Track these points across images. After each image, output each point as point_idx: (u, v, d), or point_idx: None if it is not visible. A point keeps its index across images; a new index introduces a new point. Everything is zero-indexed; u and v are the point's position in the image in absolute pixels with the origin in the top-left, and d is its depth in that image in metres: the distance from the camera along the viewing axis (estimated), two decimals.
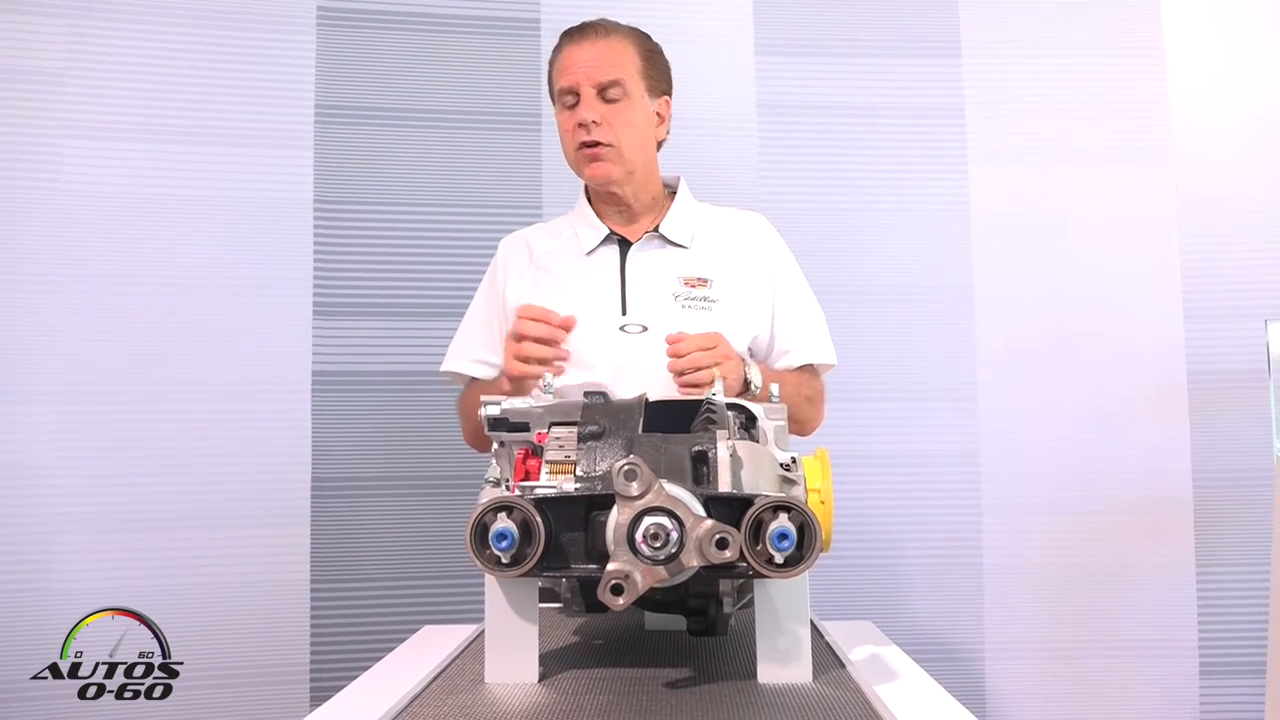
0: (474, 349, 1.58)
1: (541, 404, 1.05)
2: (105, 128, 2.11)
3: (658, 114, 1.56)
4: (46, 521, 2.01)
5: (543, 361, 1.37)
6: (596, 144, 1.49)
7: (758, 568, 0.85)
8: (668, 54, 1.62)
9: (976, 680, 2.26)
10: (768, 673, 0.94)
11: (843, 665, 1.02)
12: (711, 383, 1.20)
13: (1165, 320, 2.30)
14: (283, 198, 2.17)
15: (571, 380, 1.40)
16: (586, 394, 1.05)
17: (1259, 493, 2.16)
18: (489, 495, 0.97)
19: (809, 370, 1.56)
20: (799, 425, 1.52)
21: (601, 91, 1.49)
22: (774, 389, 1.10)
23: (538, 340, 1.39)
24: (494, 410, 1.06)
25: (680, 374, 1.34)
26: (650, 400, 1.05)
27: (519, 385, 1.38)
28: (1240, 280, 2.31)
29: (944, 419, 2.29)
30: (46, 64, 2.09)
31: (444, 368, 1.60)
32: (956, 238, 2.32)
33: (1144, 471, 2.28)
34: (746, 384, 1.41)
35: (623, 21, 1.59)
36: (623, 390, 1.07)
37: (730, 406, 1.05)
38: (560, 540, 0.89)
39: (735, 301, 1.51)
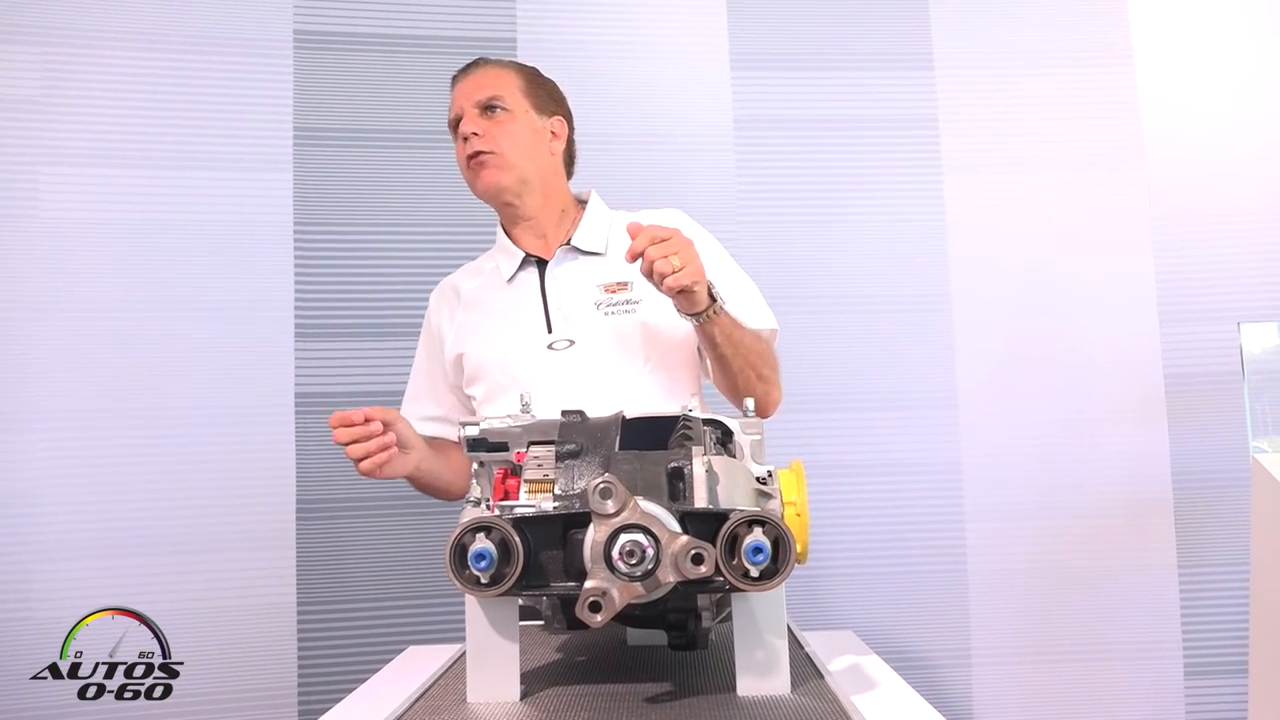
0: (422, 407, 1.61)
1: (520, 423, 1.06)
2: (83, 154, 2.11)
3: (551, 131, 1.59)
4: (34, 547, 2.01)
5: (371, 453, 1.36)
6: (480, 154, 1.53)
7: (734, 582, 0.86)
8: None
9: (964, 687, 2.27)
10: (747, 685, 0.95)
11: (821, 676, 1.03)
12: (673, 272, 1.26)
13: (1141, 325, 2.33)
14: (262, 220, 2.18)
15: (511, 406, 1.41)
16: (564, 413, 1.07)
17: (1238, 493, 2.18)
18: (469, 515, 0.98)
19: (757, 336, 1.52)
20: (764, 386, 1.49)
21: (484, 109, 1.55)
22: (749, 403, 1.11)
23: (354, 443, 1.36)
24: (473, 431, 1.07)
25: (648, 270, 1.30)
26: (626, 417, 1.06)
27: (383, 473, 1.39)
28: (1213, 284, 2.34)
29: (925, 427, 2.30)
30: (23, 92, 2.10)
31: (401, 412, 1.57)
32: (933, 247, 2.35)
33: (1124, 475, 2.31)
34: (712, 298, 1.36)
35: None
36: (560, 407, 1.08)
37: (706, 422, 1.06)
38: (539, 559, 0.90)
39: (659, 298, 1.47)
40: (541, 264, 1.58)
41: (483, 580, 0.87)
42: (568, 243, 1.57)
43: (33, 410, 2.04)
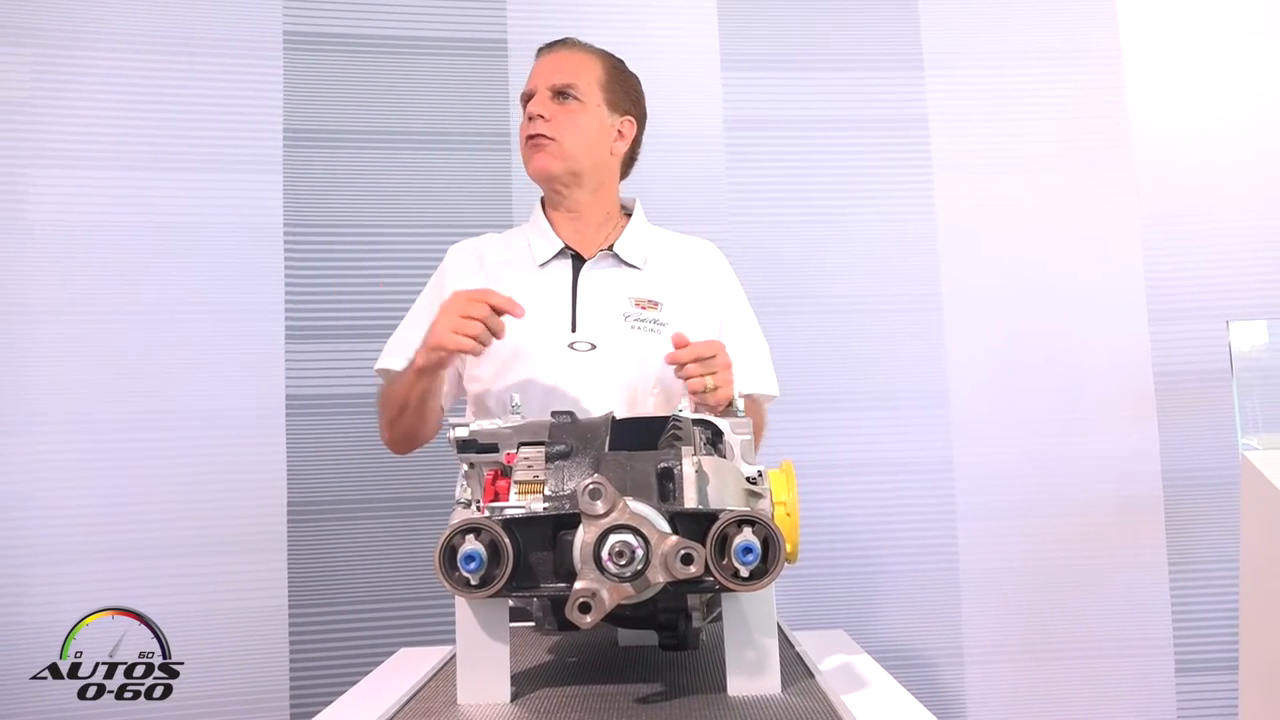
0: (411, 351, 1.54)
1: (510, 424, 1.06)
2: (73, 156, 2.11)
3: (619, 130, 1.59)
4: (27, 550, 2.00)
5: (477, 339, 1.29)
6: (540, 136, 1.52)
7: (724, 582, 0.86)
8: (636, 70, 1.65)
9: (956, 685, 2.27)
10: (737, 685, 0.95)
11: (812, 675, 1.03)
12: (704, 390, 1.26)
13: (1131, 323, 2.34)
14: (253, 222, 2.17)
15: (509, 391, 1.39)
16: (554, 414, 1.07)
17: (1227, 490, 2.19)
18: (460, 517, 0.98)
19: (751, 400, 1.54)
20: None
21: (556, 94, 1.54)
22: (739, 404, 1.12)
23: (478, 324, 1.29)
24: (463, 432, 1.07)
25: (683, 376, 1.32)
26: (617, 418, 1.06)
27: (431, 356, 1.33)
28: (1202, 282, 2.35)
29: (916, 426, 2.31)
30: (12, 93, 2.09)
31: (380, 365, 1.57)
32: (924, 247, 2.35)
33: (1115, 473, 2.32)
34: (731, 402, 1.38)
35: (589, 40, 1.63)
36: (566, 407, 1.08)
37: (696, 422, 1.06)
38: (529, 560, 0.90)
39: (684, 327, 1.49)
40: (577, 260, 1.56)
41: (473, 582, 0.87)
42: (610, 247, 1.57)
43: (24, 413, 2.04)
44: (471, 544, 0.87)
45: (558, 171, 1.54)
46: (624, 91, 1.60)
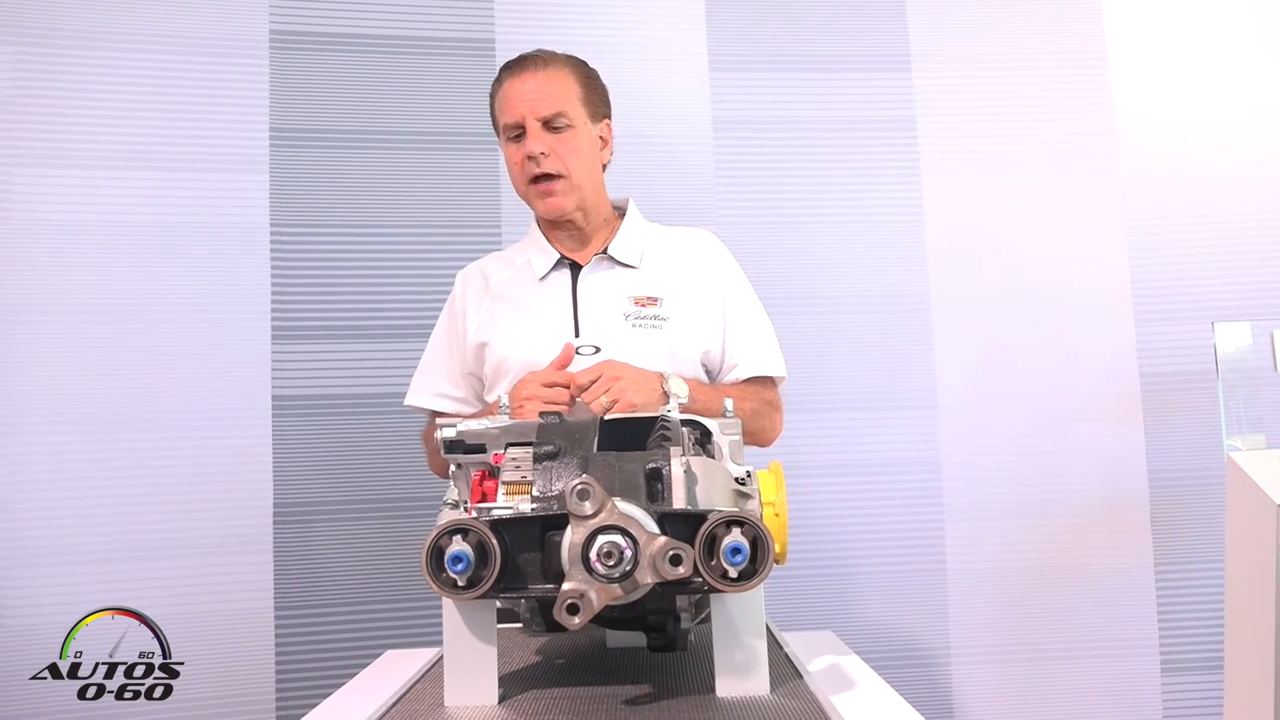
0: (436, 383, 1.61)
1: (498, 425, 1.05)
2: (56, 155, 2.09)
3: (600, 138, 1.59)
4: (11, 553, 1.98)
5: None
6: (548, 176, 1.52)
7: (712, 582, 0.86)
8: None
9: (943, 685, 2.28)
10: (726, 686, 0.95)
11: (801, 676, 1.03)
12: (604, 411, 1.26)
13: (1117, 324, 2.35)
14: (239, 222, 2.16)
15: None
16: (542, 414, 1.06)
17: (1213, 491, 2.21)
18: (447, 517, 0.97)
19: (757, 382, 1.57)
20: (749, 436, 1.52)
21: (547, 124, 1.53)
22: (728, 404, 1.11)
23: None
24: (450, 433, 1.06)
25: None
26: (605, 418, 1.06)
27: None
28: (1188, 284, 2.36)
29: (904, 427, 2.31)
30: None
31: (409, 401, 1.64)
32: (912, 247, 2.36)
33: (1101, 473, 2.32)
34: (667, 395, 1.38)
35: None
36: (579, 410, 1.08)
37: (685, 423, 1.06)
38: (517, 561, 0.89)
39: (685, 318, 1.53)
40: (575, 267, 1.58)
41: (460, 583, 0.87)
42: (604, 251, 1.58)
43: (6, 413, 2.01)
44: (459, 545, 0.86)
45: (570, 206, 1.55)
46: (599, 97, 1.60)
